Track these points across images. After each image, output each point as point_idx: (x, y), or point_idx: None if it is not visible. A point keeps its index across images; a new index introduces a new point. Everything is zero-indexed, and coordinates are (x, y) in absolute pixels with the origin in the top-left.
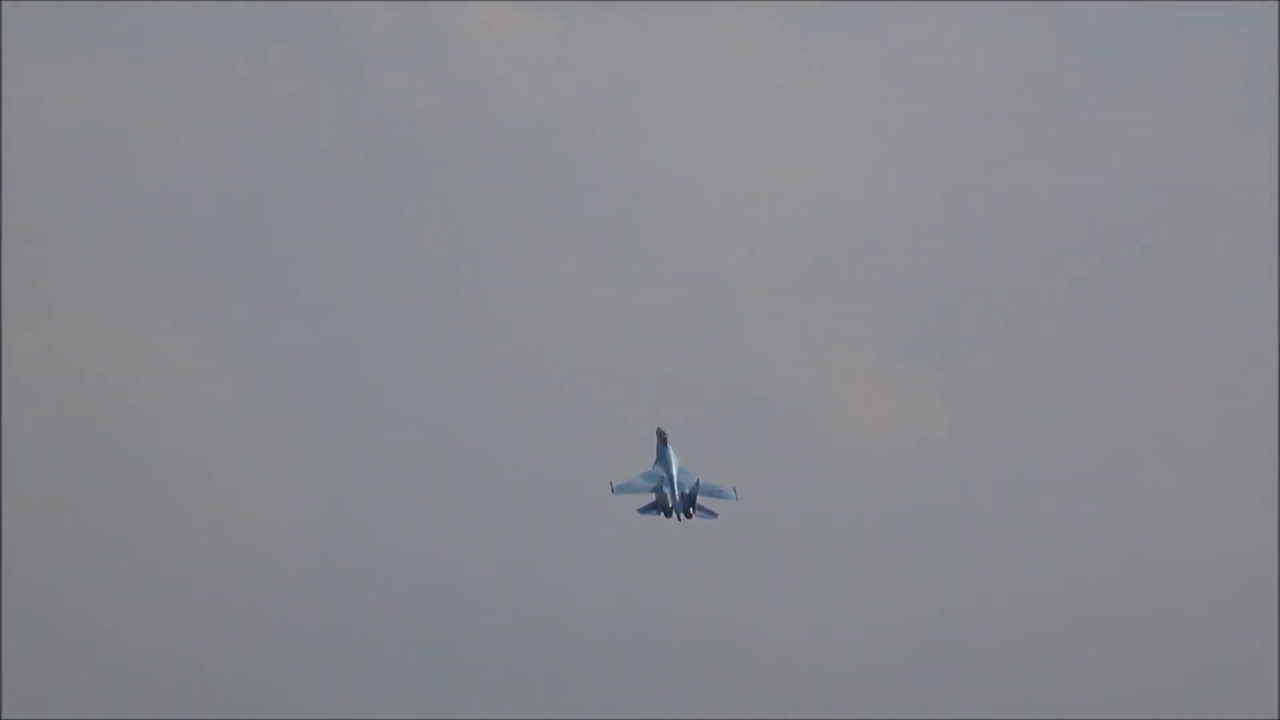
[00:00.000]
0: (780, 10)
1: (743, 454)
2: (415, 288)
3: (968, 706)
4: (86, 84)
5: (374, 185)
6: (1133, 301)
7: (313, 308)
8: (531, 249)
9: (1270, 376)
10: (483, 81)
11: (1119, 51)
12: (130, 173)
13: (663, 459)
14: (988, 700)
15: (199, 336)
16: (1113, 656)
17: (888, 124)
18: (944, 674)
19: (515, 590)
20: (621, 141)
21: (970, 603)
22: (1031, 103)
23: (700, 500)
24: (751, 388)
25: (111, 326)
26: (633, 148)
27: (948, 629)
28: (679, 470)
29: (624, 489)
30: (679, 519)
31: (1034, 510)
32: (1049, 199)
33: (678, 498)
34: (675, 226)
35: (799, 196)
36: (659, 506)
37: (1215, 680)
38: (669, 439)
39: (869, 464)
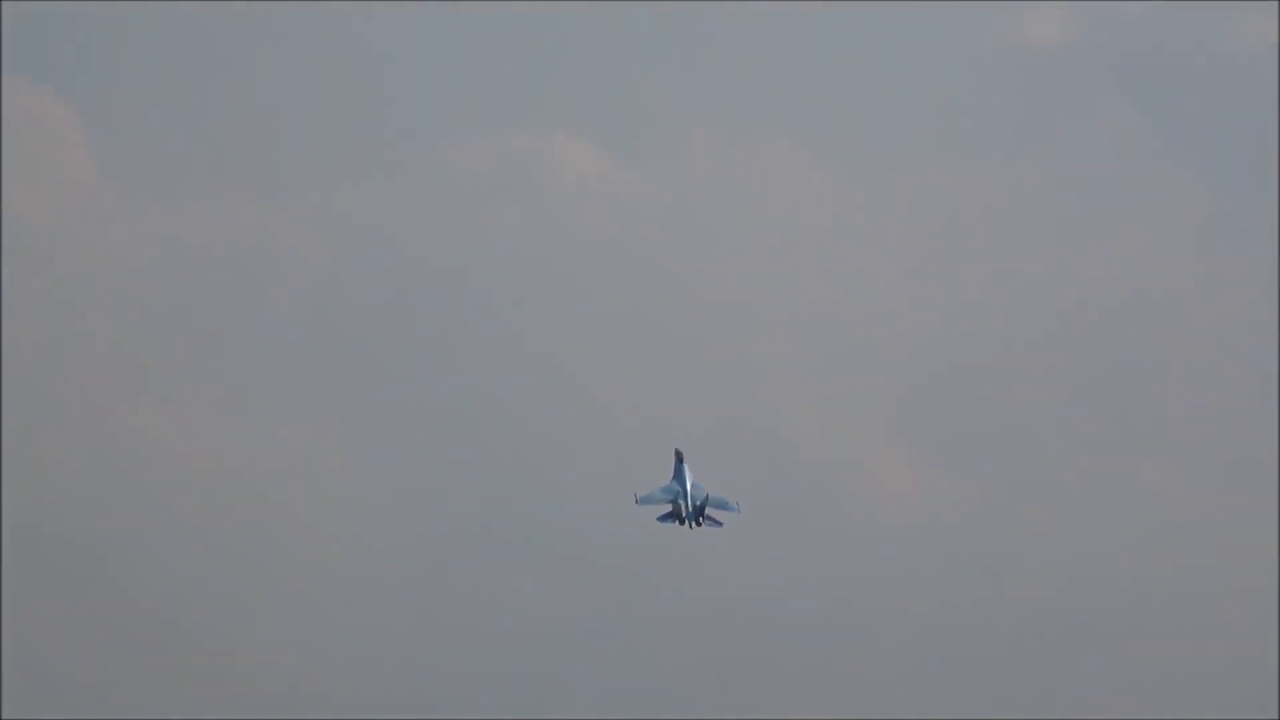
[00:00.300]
0: (818, 149)
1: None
2: (511, 403)
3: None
4: (222, 212)
5: (475, 310)
6: (1131, 391)
7: (424, 423)
8: (614, 364)
9: (1270, 463)
10: (564, 219)
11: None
12: (258, 293)
13: (679, 475)
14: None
15: (321, 435)
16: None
17: (906, 241)
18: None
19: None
20: (681, 257)
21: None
22: (1034, 211)
23: (709, 511)
24: (777, 455)
25: (238, 420)
26: (692, 265)
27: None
28: (692, 485)
29: (646, 500)
30: (690, 527)
31: (1031, 570)
32: (1051, 299)
33: (690, 509)
34: (726, 322)
35: (831, 299)
36: (674, 515)
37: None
38: (684, 458)
39: (879, 536)
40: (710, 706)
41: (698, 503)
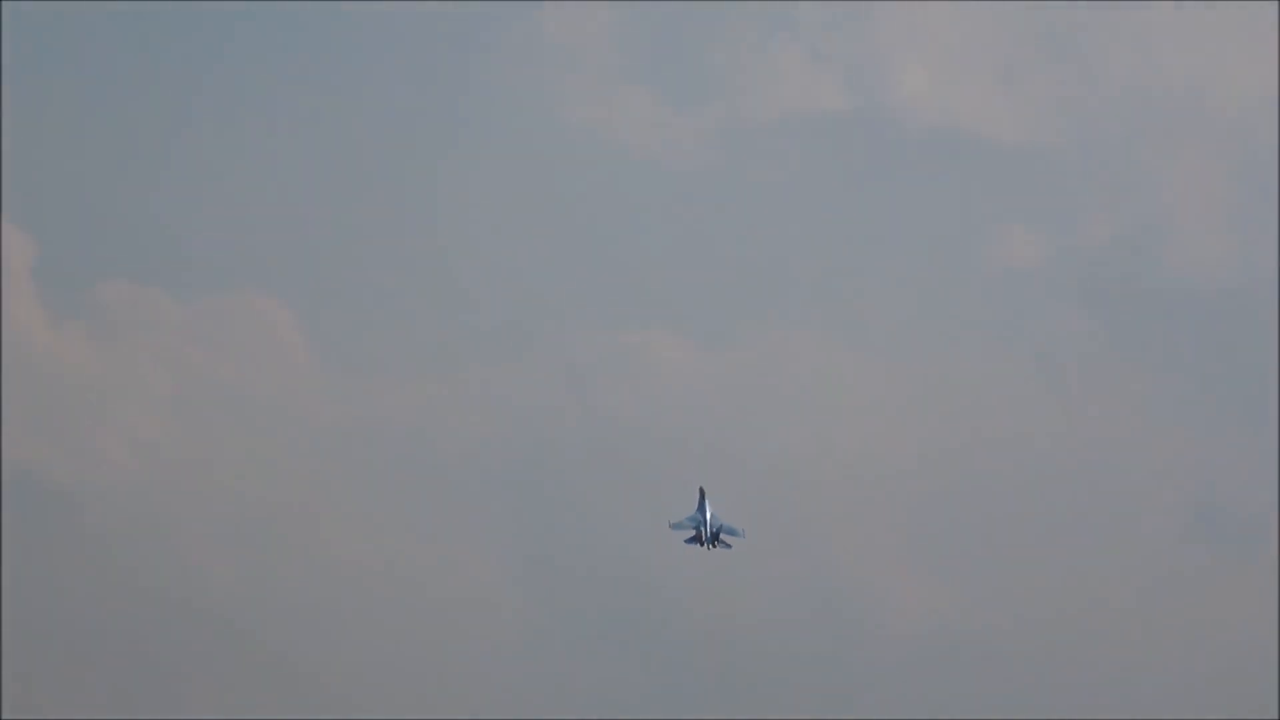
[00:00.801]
0: (847, 340)
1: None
2: (614, 528)
3: None
4: (402, 386)
5: (593, 467)
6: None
7: (555, 547)
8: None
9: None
10: (662, 394)
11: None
12: (429, 449)
13: (701, 508)
14: None
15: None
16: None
17: (914, 411)
18: None
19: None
20: (745, 419)
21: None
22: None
23: (722, 536)
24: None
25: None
26: (753, 423)
27: None
28: (711, 515)
29: (677, 526)
30: (708, 548)
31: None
32: (1021, 450)
33: (709, 533)
34: (779, 472)
35: (860, 449)
36: (697, 538)
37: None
38: (705, 494)
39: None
40: (717, 698)
41: (714, 529)
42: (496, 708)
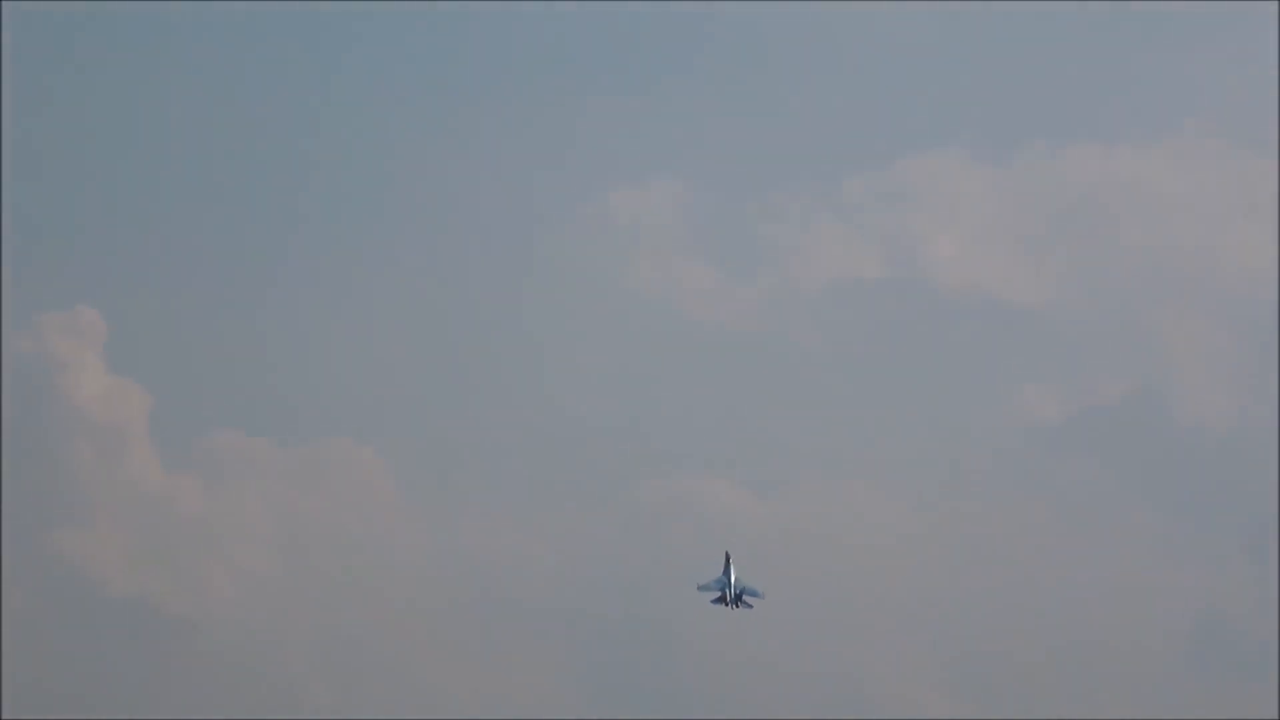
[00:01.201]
0: (887, 491)
1: None
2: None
3: None
4: (483, 524)
5: (653, 609)
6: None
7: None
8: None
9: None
10: (717, 535)
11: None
12: (518, 582)
13: (726, 571)
14: None
15: None
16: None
17: (952, 557)
18: None
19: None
20: (793, 556)
21: None
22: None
23: (745, 597)
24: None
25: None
26: (801, 559)
27: None
28: (735, 579)
29: (704, 588)
30: (732, 608)
31: None
32: (1042, 596)
33: (732, 595)
34: (825, 602)
35: (898, 591)
36: (722, 599)
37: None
38: (730, 558)
39: None
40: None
41: (737, 592)
42: None
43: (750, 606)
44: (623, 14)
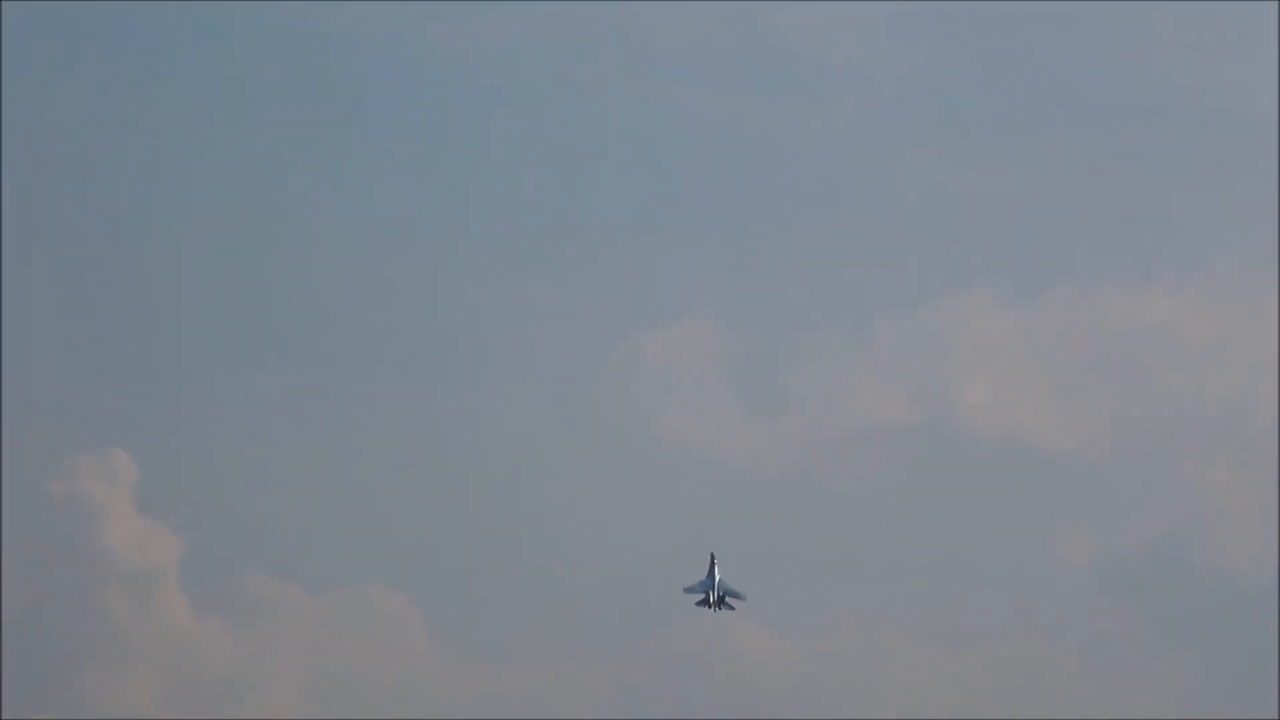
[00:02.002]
0: (912, 626)
1: None
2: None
3: None
4: (519, 670)
5: None
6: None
7: None
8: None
9: None
10: (746, 676)
11: None
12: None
13: (710, 573)
14: None
15: None
16: None
17: (979, 688)
18: None
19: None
20: (815, 691)
21: None
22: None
23: (727, 599)
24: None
25: None
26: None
27: None
28: (718, 581)
29: (689, 590)
30: (715, 610)
31: None
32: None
33: (715, 597)
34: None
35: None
36: (706, 601)
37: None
38: (715, 559)
39: None
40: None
41: (720, 594)
42: None
43: (733, 609)
44: (649, 154)
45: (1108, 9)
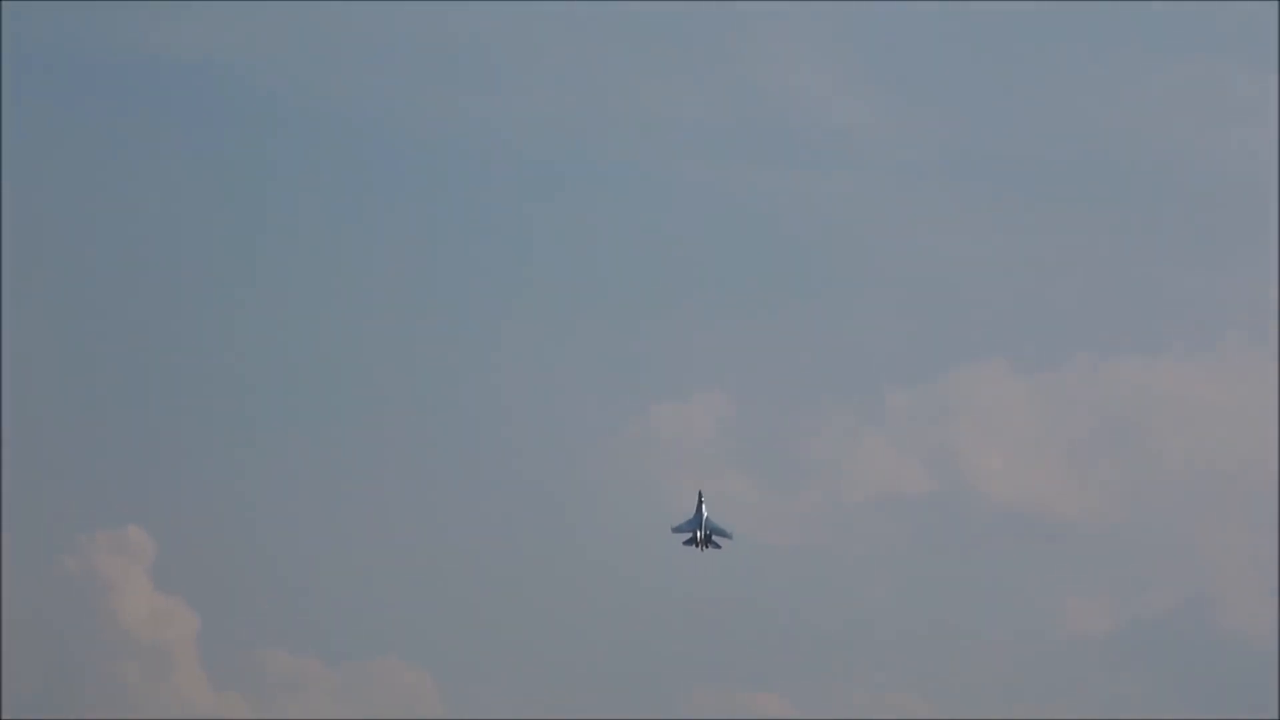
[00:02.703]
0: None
1: None
2: None
3: None
4: None
5: None
6: None
7: None
8: None
9: None
10: None
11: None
12: None
13: (698, 511)
14: None
15: None
16: None
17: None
18: None
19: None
20: None
21: None
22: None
23: (714, 537)
24: None
25: None
26: None
27: None
28: (705, 520)
29: (677, 529)
30: (702, 549)
31: None
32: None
33: (703, 535)
34: None
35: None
36: (694, 540)
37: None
38: (702, 496)
39: None
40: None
41: (707, 532)
42: None
43: (719, 547)
44: (664, 230)
45: (1120, 81)
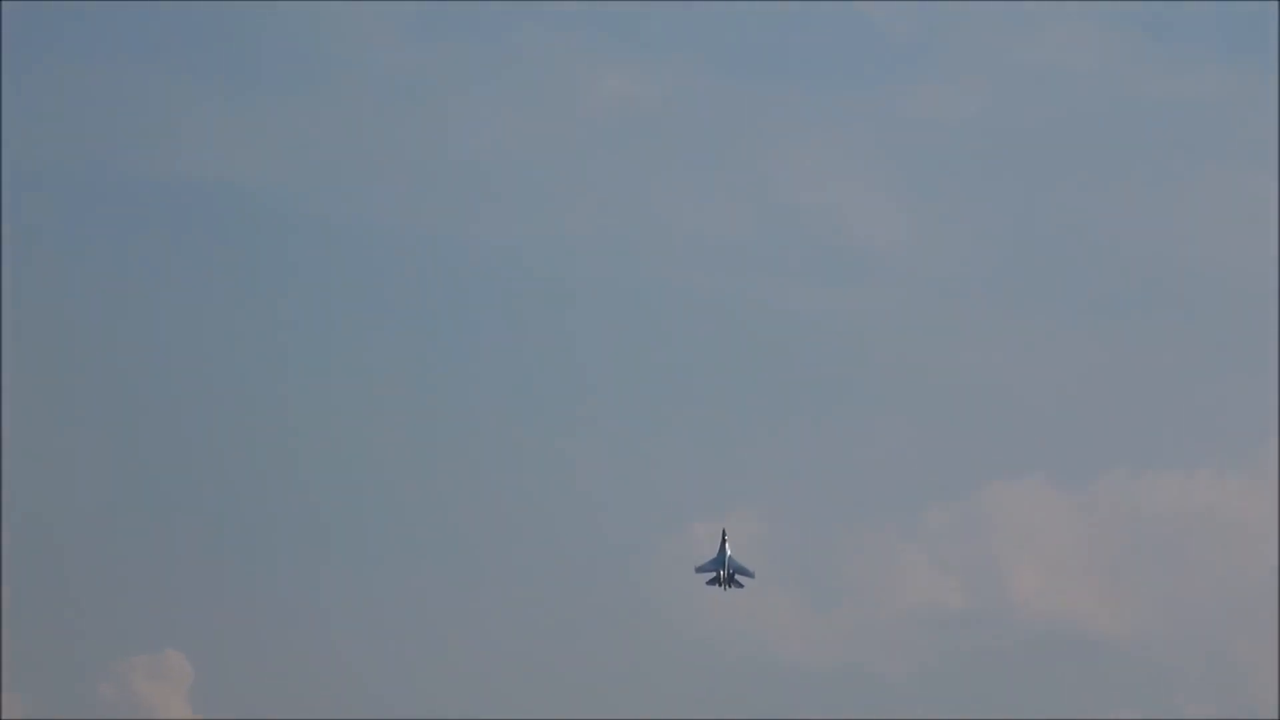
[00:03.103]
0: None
1: None
2: None
3: None
4: None
5: None
6: None
7: None
8: None
9: None
10: None
11: None
12: None
13: (721, 550)
14: None
15: None
16: None
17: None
18: None
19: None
20: None
21: None
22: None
23: (736, 576)
24: None
25: None
26: None
27: None
28: (728, 559)
29: (700, 569)
30: (725, 588)
31: None
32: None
33: (726, 574)
34: None
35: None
36: (717, 579)
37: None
38: (726, 536)
39: None
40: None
41: (730, 571)
42: None
43: (741, 586)
44: (698, 346)
45: (1151, 188)
